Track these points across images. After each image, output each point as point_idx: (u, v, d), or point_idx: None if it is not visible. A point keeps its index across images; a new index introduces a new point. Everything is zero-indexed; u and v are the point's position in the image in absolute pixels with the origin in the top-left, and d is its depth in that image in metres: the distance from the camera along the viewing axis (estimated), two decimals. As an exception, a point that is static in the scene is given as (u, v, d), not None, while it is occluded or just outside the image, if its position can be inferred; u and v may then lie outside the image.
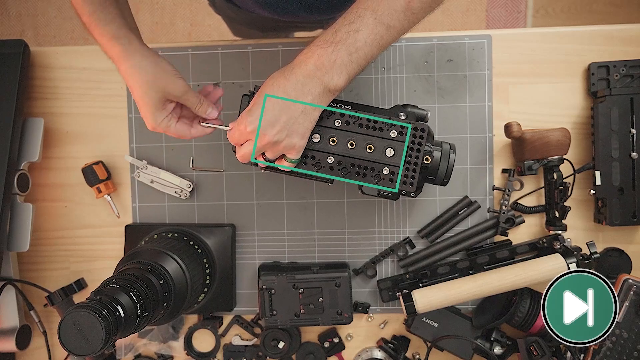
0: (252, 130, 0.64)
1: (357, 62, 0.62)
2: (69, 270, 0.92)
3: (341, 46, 0.61)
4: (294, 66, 0.63)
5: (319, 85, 0.62)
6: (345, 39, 0.61)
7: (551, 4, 1.86)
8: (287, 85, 0.63)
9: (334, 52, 0.61)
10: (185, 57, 0.89)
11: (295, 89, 0.62)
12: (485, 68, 0.87)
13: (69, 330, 0.60)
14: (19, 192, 0.86)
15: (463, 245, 0.86)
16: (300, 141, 0.65)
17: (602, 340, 0.75)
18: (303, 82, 0.62)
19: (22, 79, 0.86)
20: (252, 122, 0.63)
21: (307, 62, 0.62)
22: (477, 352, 0.85)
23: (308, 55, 0.63)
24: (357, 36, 0.61)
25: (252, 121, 0.63)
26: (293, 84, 0.62)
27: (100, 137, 0.91)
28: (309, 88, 0.62)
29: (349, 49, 0.61)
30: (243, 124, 0.64)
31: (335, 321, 0.84)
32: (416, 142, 0.71)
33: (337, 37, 0.61)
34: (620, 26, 0.86)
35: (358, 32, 0.61)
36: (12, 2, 1.98)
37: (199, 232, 0.88)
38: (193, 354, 0.92)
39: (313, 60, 0.62)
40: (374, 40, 0.61)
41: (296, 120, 0.63)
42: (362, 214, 0.89)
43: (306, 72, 0.62)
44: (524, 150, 0.82)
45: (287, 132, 0.64)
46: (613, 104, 0.81)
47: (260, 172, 0.89)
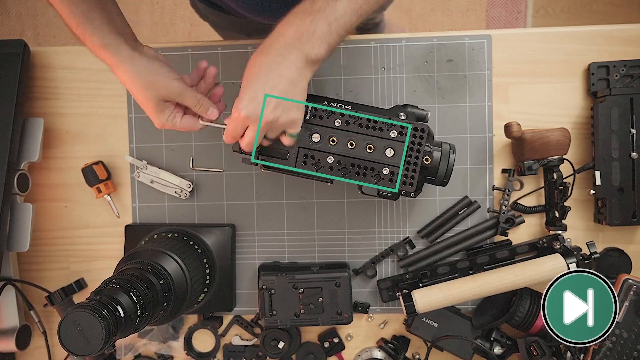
0: (247, 115, 0.63)
1: (336, 31, 0.61)
2: (69, 270, 0.92)
3: (320, 16, 0.60)
4: (272, 40, 0.62)
5: (299, 55, 0.61)
6: (324, 8, 0.60)
7: (551, 4, 1.86)
8: (268, 61, 0.62)
9: (312, 22, 0.60)
10: (185, 57, 0.89)
11: (276, 62, 0.61)
12: (485, 68, 0.87)
13: (69, 330, 0.60)
14: (19, 192, 0.86)
15: (463, 245, 0.86)
16: (297, 113, 0.65)
17: (602, 340, 0.75)
18: (283, 54, 0.61)
19: (22, 79, 0.86)
20: (245, 107, 0.62)
21: (285, 34, 0.61)
22: (477, 352, 0.85)
23: (286, 27, 0.61)
24: (335, 5, 0.60)
25: (245, 106, 0.62)
26: (273, 58, 0.61)
27: (100, 137, 0.91)
28: (291, 59, 0.61)
29: (327, 19, 0.60)
30: (236, 112, 0.64)
31: (335, 321, 0.84)
32: (416, 142, 0.71)
33: (316, 7, 0.60)
34: (620, 26, 0.86)
35: (337, 1, 0.60)
36: (12, 2, 1.98)
37: (199, 232, 0.88)
38: (193, 354, 0.92)
39: (291, 31, 0.61)
40: (352, 9, 0.61)
41: (287, 93, 0.62)
42: (362, 214, 0.89)
43: (285, 43, 0.61)
44: (524, 150, 0.82)
45: (282, 107, 0.63)
46: (613, 104, 0.81)
47: (260, 172, 0.89)
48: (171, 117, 0.69)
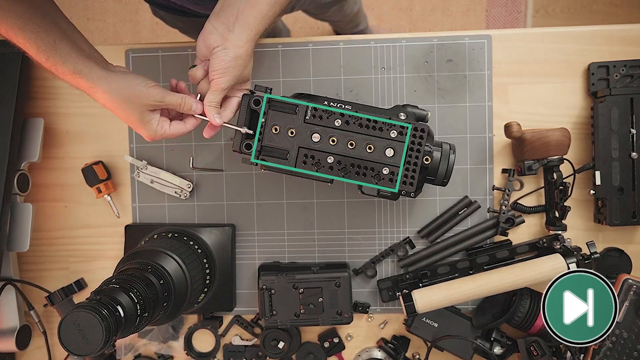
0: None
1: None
2: (69, 270, 0.92)
3: None
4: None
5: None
6: None
7: (551, 4, 1.86)
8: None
9: None
10: (185, 57, 0.89)
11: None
12: (485, 68, 0.86)
13: (69, 330, 0.60)
14: (19, 192, 0.86)
15: (463, 245, 0.86)
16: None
17: (602, 340, 0.75)
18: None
19: (22, 79, 0.86)
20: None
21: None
22: (477, 352, 0.85)
23: None
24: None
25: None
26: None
27: (100, 137, 0.91)
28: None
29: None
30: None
31: (335, 321, 0.84)
32: (416, 142, 0.71)
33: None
34: (620, 26, 0.86)
35: None
36: (12, 2, 1.98)
37: (199, 232, 0.88)
38: (193, 354, 0.92)
39: None
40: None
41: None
42: (362, 214, 0.89)
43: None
44: (524, 150, 0.82)
45: None
46: (613, 104, 0.81)
47: (260, 172, 0.89)
48: (159, 127, 0.70)
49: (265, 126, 0.72)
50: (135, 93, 0.67)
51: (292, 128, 0.71)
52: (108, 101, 0.67)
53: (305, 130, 0.71)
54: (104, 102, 0.68)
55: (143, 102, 0.68)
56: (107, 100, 0.67)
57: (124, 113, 0.68)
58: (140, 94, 0.67)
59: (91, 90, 0.67)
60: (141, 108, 0.68)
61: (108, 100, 0.67)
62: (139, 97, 0.67)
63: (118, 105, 0.67)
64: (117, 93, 0.67)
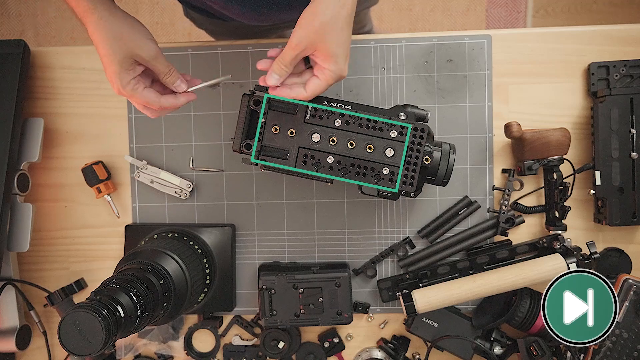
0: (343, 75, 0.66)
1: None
2: (69, 270, 0.92)
3: None
4: (337, 11, 0.63)
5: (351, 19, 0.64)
6: None
7: (551, 4, 1.86)
8: (343, 26, 0.64)
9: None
10: (185, 57, 0.89)
11: (347, 28, 0.65)
12: (485, 68, 0.86)
13: (69, 330, 0.60)
14: (19, 192, 0.86)
15: (463, 245, 0.86)
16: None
17: (602, 340, 0.75)
18: (348, 20, 0.64)
19: (22, 79, 0.86)
20: (344, 69, 0.65)
21: (346, 4, 0.63)
22: (477, 352, 0.85)
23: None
24: None
25: (344, 68, 0.65)
26: (342, 25, 0.64)
27: (100, 137, 0.91)
28: (350, 22, 0.64)
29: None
30: (337, 72, 0.65)
31: (335, 321, 0.84)
32: (416, 142, 0.71)
33: None
34: (620, 26, 0.86)
35: None
36: (12, 2, 1.98)
37: (199, 232, 0.88)
38: (193, 354, 0.92)
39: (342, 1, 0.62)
40: None
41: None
42: (362, 214, 0.89)
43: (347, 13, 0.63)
44: (524, 150, 0.82)
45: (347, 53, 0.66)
46: (613, 104, 0.81)
47: (260, 172, 0.89)
48: (133, 82, 0.64)
49: (265, 126, 0.72)
50: (131, 36, 0.62)
51: (292, 128, 0.71)
52: (96, 30, 0.61)
53: (305, 130, 0.71)
54: (94, 29, 0.61)
55: (134, 50, 0.63)
56: (99, 29, 0.61)
57: (107, 50, 0.62)
58: (136, 39, 0.63)
59: (87, 14, 0.61)
60: (128, 54, 0.62)
61: (100, 30, 0.61)
62: (132, 42, 0.62)
63: (104, 39, 0.61)
64: (111, 26, 0.61)
